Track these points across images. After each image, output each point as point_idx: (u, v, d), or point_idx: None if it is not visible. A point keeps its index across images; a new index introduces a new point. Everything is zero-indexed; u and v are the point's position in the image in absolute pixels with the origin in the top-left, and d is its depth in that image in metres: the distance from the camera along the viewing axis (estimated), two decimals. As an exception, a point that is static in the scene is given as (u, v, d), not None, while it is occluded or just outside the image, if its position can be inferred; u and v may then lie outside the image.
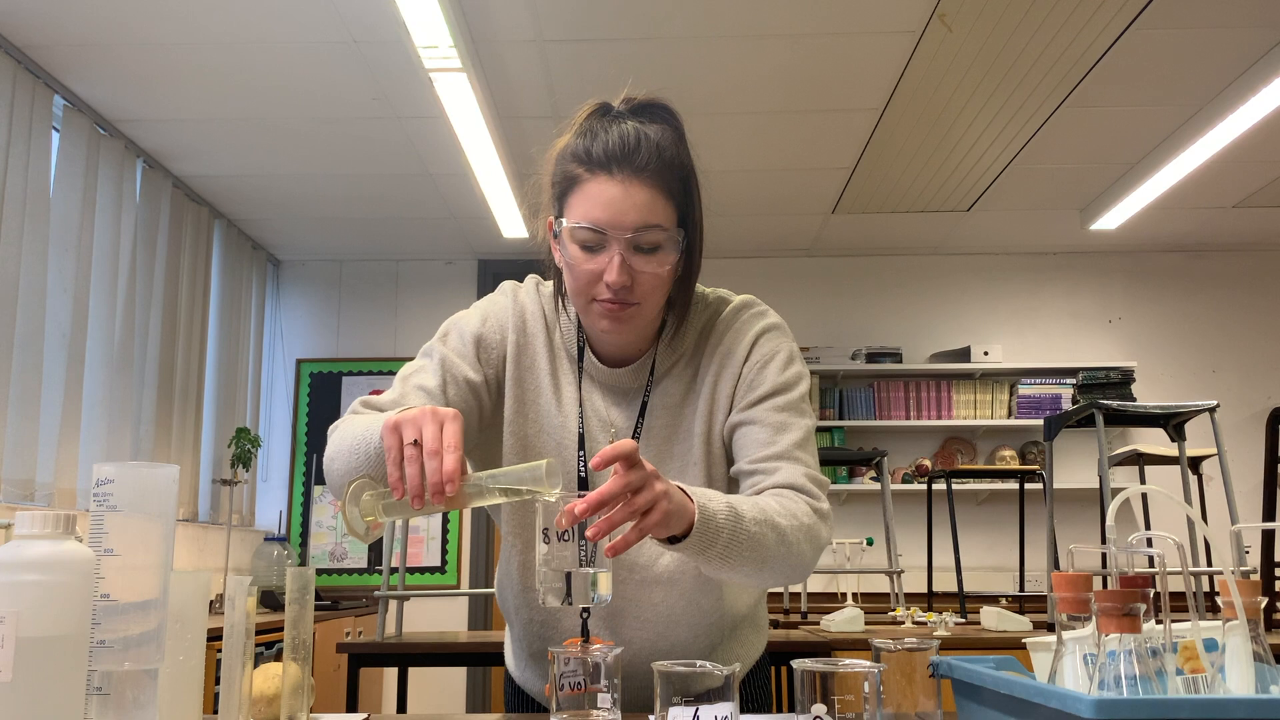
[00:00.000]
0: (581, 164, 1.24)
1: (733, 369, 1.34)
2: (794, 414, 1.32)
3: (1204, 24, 3.44)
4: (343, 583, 5.52)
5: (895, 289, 5.82)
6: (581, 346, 1.38)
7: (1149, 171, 4.52)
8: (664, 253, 1.25)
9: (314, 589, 1.15)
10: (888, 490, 4.11)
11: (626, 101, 1.30)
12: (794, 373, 1.35)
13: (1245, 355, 5.67)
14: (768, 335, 1.37)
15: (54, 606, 0.81)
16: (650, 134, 1.24)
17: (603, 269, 1.23)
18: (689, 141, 1.30)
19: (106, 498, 0.88)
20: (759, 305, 1.41)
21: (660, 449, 1.36)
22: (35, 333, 3.53)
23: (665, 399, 1.36)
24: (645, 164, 1.22)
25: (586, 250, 1.24)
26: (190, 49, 3.54)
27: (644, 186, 1.22)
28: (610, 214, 1.22)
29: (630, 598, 1.35)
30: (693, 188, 1.28)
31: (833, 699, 0.90)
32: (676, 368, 1.37)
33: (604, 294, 1.24)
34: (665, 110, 1.30)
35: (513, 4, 3.29)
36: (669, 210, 1.25)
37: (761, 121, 4.16)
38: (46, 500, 3.61)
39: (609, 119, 1.27)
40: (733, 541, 1.12)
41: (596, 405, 1.36)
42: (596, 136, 1.24)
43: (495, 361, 1.36)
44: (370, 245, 5.66)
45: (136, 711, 0.87)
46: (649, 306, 1.28)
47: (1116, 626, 0.87)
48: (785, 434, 1.30)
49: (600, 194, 1.22)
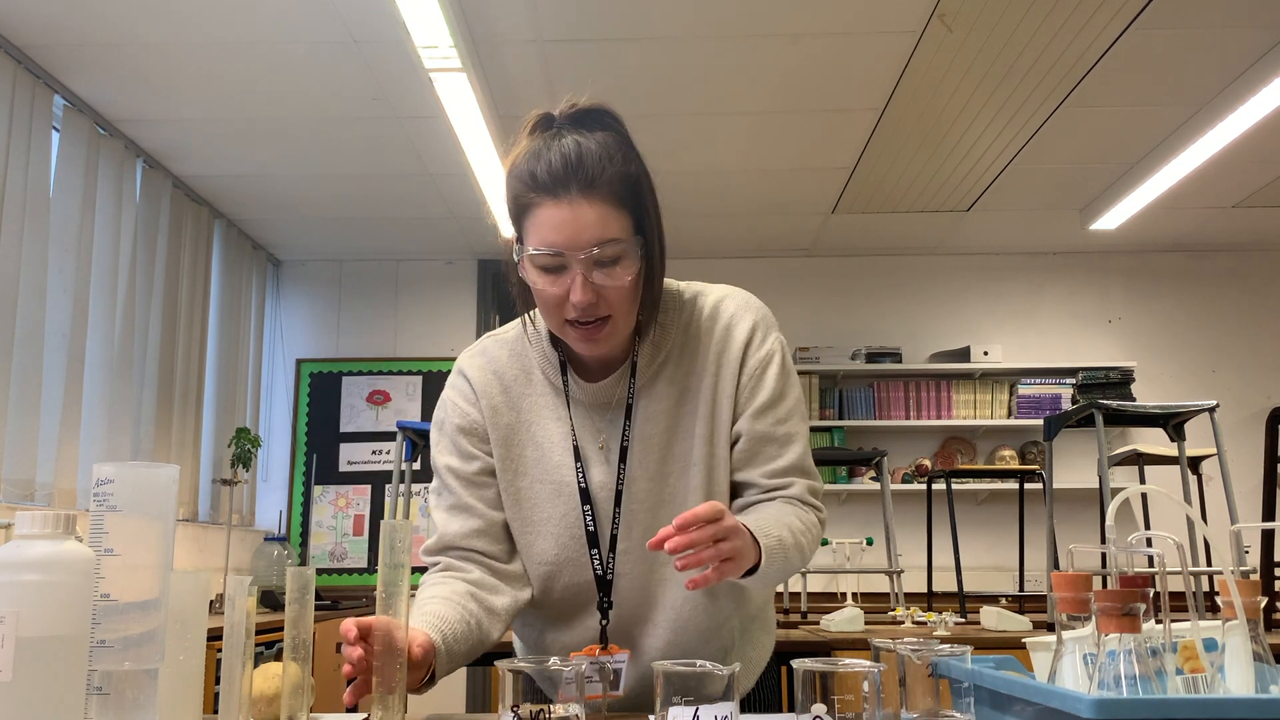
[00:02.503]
0: (529, 188, 1.25)
1: (730, 370, 1.36)
2: (796, 421, 1.37)
3: (1204, 24, 3.44)
4: (343, 583, 5.52)
5: (895, 289, 5.82)
6: (564, 370, 1.38)
7: (1149, 171, 4.52)
8: (625, 263, 1.25)
9: (314, 589, 1.15)
10: (887, 490, 4.11)
11: (570, 107, 1.29)
12: (789, 372, 1.38)
13: (1245, 355, 5.67)
14: (759, 333, 1.37)
15: (54, 606, 0.81)
16: (592, 146, 1.23)
17: (567, 290, 1.24)
18: (634, 143, 1.28)
19: (106, 498, 0.88)
20: (738, 294, 1.41)
21: (661, 452, 1.36)
22: (35, 333, 3.53)
23: (658, 402, 1.36)
24: (590, 180, 1.22)
25: (548, 273, 1.25)
26: (190, 49, 3.54)
27: (592, 203, 1.22)
28: (564, 236, 1.22)
29: (648, 603, 1.36)
30: (643, 190, 1.27)
31: (833, 699, 0.90)
32: (666, 369, 1.37)
33: (572, 314, 1.25)
34: (607, 115, 1.29)
35: (513, 4, 3.29)
36: (623, 220, 1.24)
37: (761, 121, 4.16)
38: (46, 500, 3.61)
39: (550, 135, 1.26)
40: (781, 569, 1.25)
41: (587, 424, 1.38)
42: (540, 157, 1.24)
43: (485, 438, 1.40)
44: (370, 245, 5.66)
45: (136, 711, 0.87)
46: (620, 318, 1.28)
47: (1116, 626, 0.87)
48: (790, 447, 1.35)
49: (550, 218, 1.23)
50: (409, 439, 3.83)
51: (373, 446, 5.67)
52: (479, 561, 1.37)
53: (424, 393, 5.72)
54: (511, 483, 1.39)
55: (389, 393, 5.72)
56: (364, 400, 5.72)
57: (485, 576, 1.36)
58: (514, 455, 1.39)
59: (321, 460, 5.66)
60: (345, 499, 5.64)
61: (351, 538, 5.60)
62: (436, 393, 5.96)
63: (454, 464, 1.40)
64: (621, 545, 1.35)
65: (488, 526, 1.38)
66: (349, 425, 5.70)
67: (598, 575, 1.36)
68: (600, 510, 1.36)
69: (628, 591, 1.36)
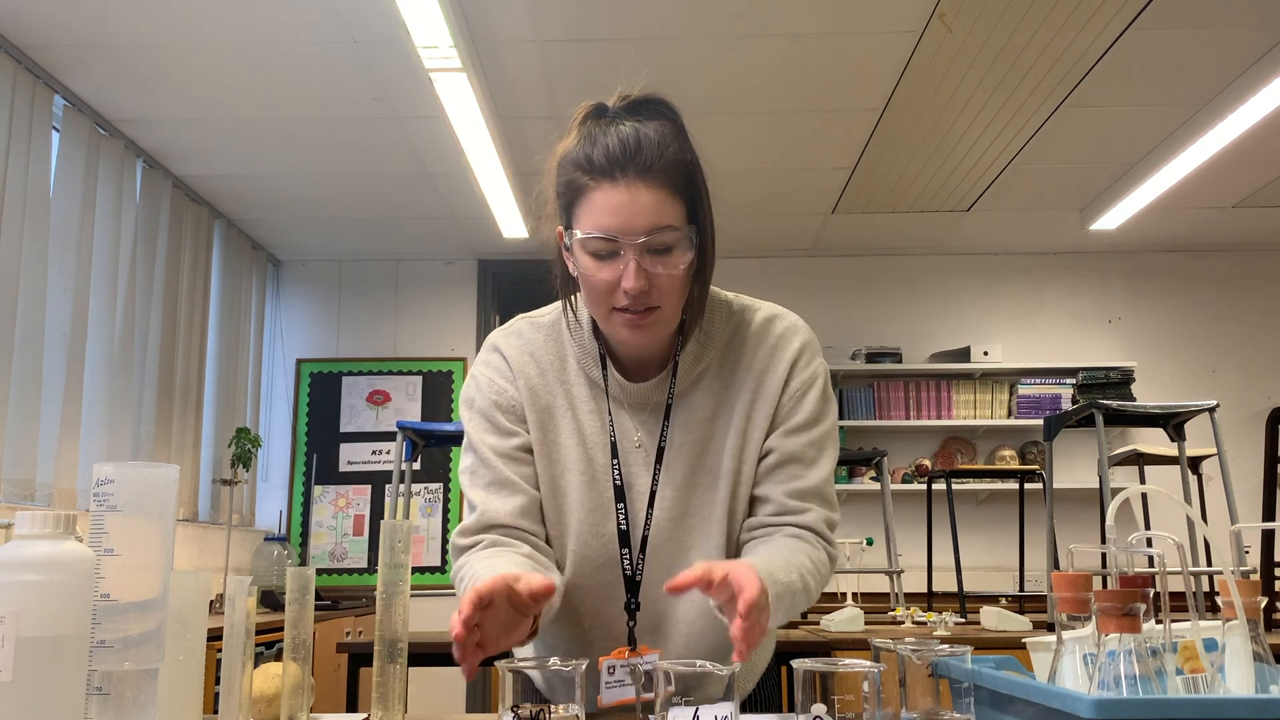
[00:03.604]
0: (584, 172, 1.22)
1: (771, 390, 1.33)
2: (827, 446, 1.35)
3: (1204, 24, 3.44)
4: (343, 583, 5.52)
5: (895, 289, 5.82)
6: (604, 364, 1.35)
7: (1149, 171, 4.52)
8: (678, 252, 1.23)
9: (314, 589, 1.15)
10: (887, 490, 4.11)
11: (622, 99, 1.27)
12: (829, 399, 1.36)
13: (1245, 355, 5.67)
14: (805, 356, 1.35)
15: (54, 606, 0.81)
16: (650, 132, 1.21)
17: (618, 277, 1.21)
18: (690, 134, 1.27)
19: (106, 498, 0.88)
20: (789, 316, 1.39)
21: (692, 464, 1.34)
22: (35, 333, 3.53)
23: (694, 411, 1.34)
24: (649, 165, 1.20)
25: (600, 259, 1.22)
26: (190, 49, 3.54)
27: (650, 188, 1.20)
28: (619, 220, 1.19)
29: (660, 615, 1.35)
30: (699, 181, 1.25)
31: (833, 699, 0.90)
32: (705, 379, 1.35)
33: (622, 302, 1.23)
34: (662, 105, 1.27)
35: (513, 4, 3.29)
36: (678, 208, 1.22)
37: (761, 121, 4.16)
38: (46, 500, 3.61)
39: (606, 121, 1.24)
40: (785, 614, 1.22)
41: (624, 423, 1.35)
42: (596, 141, 1.22)
43: (521, 417, 1.36)
44: (370, 245, 5.66)
45: (136, 711, 0.87)
46: (669, 308, 1.26)
47: (1116, 626, 0.87)
48: (815, 469, 1.33)
49: (606, 201, 1.20)
50: (409, 439, 3.83)
51: (373, 446, 5.67)
52: (527, 540, 1.31)
53: (424, 393, 5.72)
54: (547, 469, 1.35)
55: (389, 393, 5.72)
56: (364, 400, 5.72)
57: (537, 555, 1.31)
58: (549, 440, 1.35)
59: (321, 460, 5.66)
60: (345, 499, 5.64)
61: (351, 538, 5.60)
62: (437, 393, 5.92)
63: (492, 440, 1.34)
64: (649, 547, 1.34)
65: (531, 505, 1.33)
66: (349, 425, 5.70)
67: (626, 575, 1.33)
68: (633, 509, 1.34)
69: (644, 597, 1.34)
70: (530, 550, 1.30)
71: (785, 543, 1.29)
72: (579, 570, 1.35)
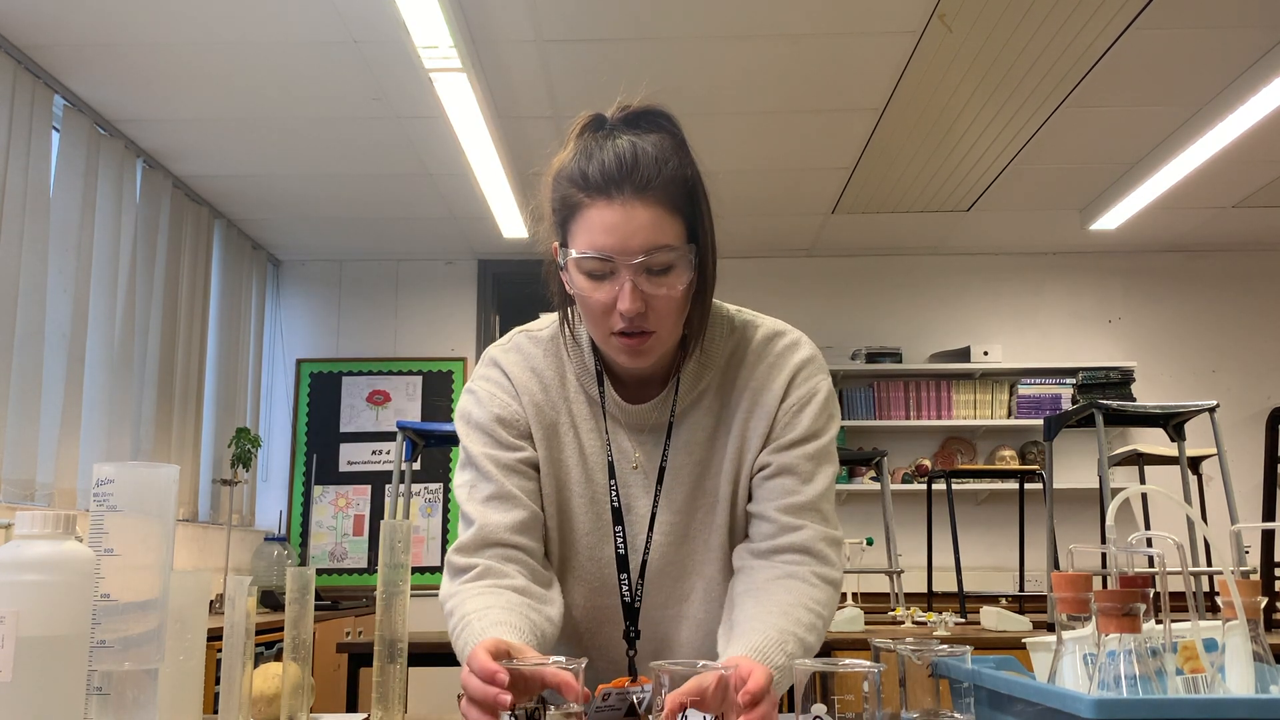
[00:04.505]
0: (579, 188, 1.17)
1: (767, 408, 1.28)
2: (824, 461, 1.28)
3: (1204, 24, 3.44)
4: (343, 583, 5.52)
5: (895, 289, 5.82)
6: (601, 381, 1.31)
7: (1149, 171, 4.52)
8: (677, 272, 1.18)
9: (314, 589, 1.15)
10: (887, 490, 4.11)
11: (621, 109, 1.22)
12: (830, 415, 1.30)
13: (1245, 355, 5.67)
14: (805, 371, 1.30)
15: (54, 606, 0.81)
16: (648, 147, 1.16)
17: (614, 297, 1.16)
18: (691, 147, 1.22)
19: (106, 498, 0.88)
20: (792, 333, 1.34)
21: (692, 486, 1.31)
22: (35, 333, 3.53)
23: (694, 433, 1.30)
24: (646, 182, 1.15)
25: (595, 280, 1.17)
26: (190, 49, 3.54)
27: (647, 206, 1.15)
28: (615, 240, 1.14)
29: (661, 641, 1.33)
30: (699, 197, 1.20)
31: (833, 699, 0.90)
32: (705, 399, 1.30)
33: (619, 324, 1.18)
34: (662, 117, 1.22)
35: (513, 4, 3.28)
36: (676, 227, 1.17)
37: (761, 121, 4.16)
38: (46, 500, 3.61)
39: (603, 135, 1.19)
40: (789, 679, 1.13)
41: (622, 444, 1.31)
42: (592, 157, 1.17)
43: (525, 433, 1.31)
44: (370, 245, 5.66)
45: (136, 711, 0.87)
46: (666, 331, 1.21)
47: (1116, 626, 0.87)
48: (812, 484, 1.27)
49: (602, 220, 1.15)
50: (409, 439, 3.83)
51: (373, 446, 5.67)
52: (522, 563, 1.25)
53: (424, 393, 5.72)
54: (553, 490, 1.31)
55: (389, 393, 5.72)
56: (364, 400, 5.72)
57: (531, 585, 1.24)
58: (554, 459, 1.31)
59: (321, 460, 5.66)
60: (345, 499, 5.64)
61: (351, 538, 5.60)
62: (437, 393, 5.92)
63: (492, 451, 1.29)
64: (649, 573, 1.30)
65: (531, 519, 1.28)
66: (349, 425, 5.70)
67: (625, 602, 1.29)
68: (631, 533, 1.30)
69: (644, 623, 1.31)
70: (525, 583, 1.23)
71: (779, 594, 1.21)
72: (579, 594, 1.33)
